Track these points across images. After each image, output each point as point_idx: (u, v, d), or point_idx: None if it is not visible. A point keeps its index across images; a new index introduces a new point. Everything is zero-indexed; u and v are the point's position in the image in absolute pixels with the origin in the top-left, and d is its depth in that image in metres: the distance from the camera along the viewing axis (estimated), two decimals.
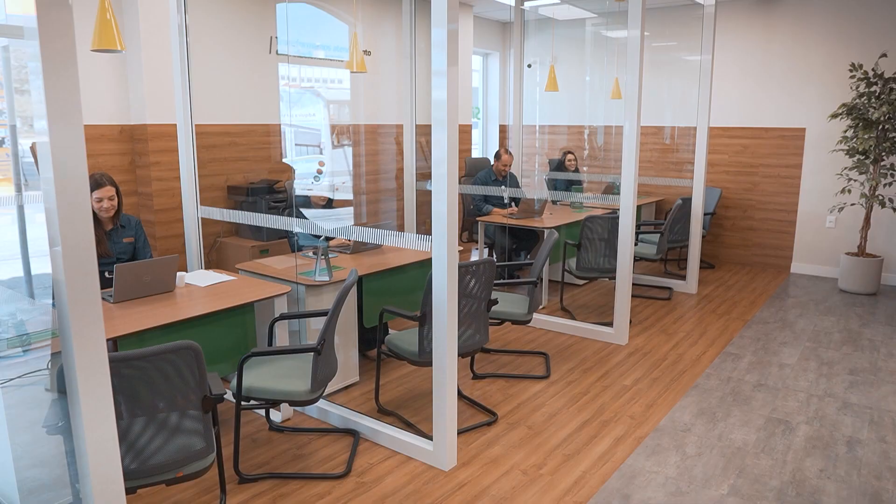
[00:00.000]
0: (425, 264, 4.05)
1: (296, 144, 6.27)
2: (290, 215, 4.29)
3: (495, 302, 3.25)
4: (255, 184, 5.11)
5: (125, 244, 3.43)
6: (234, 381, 2.63)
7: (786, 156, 6.45)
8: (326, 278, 3.36)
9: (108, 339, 2.57)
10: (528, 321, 3.77)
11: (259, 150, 5.34)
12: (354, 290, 3.59)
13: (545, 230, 5.18)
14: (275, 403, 2.71)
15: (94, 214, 3.34)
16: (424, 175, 6.80)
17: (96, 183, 3.29)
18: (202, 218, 3.96)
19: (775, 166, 6.52)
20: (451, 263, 2.64)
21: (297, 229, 3.41)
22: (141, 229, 3.50)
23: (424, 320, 2.95)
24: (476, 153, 8.30)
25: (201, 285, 3.25)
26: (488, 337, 3.30)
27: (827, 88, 6.13)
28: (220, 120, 5.02)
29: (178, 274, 3.21)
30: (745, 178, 6.69)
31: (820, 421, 3.30)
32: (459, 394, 3.58)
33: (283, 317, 3.08)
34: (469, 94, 7.21)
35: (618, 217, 4.41)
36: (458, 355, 3.17)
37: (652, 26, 6.95)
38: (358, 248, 4.03)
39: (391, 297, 3.83)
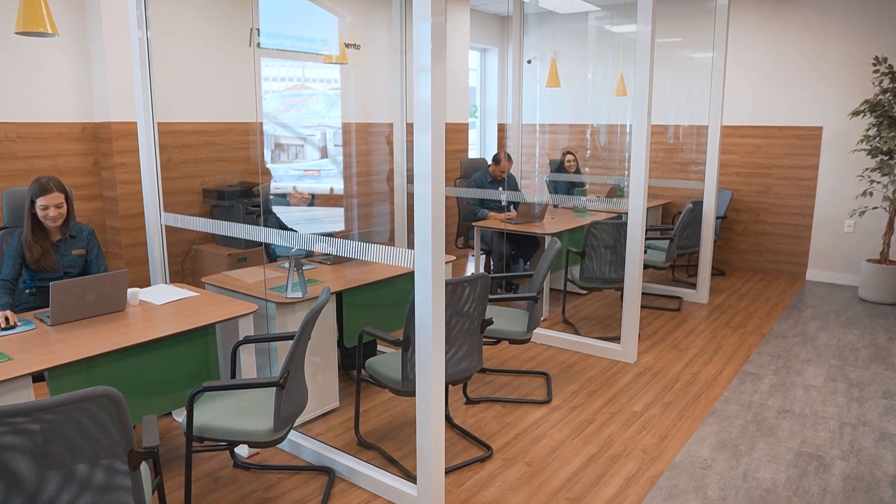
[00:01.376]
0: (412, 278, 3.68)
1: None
2: (264, 223, 3.93)
3: (490, 322, 2.88)
4: (232, 186, 4.74)
5: (75, 257, 3.06)
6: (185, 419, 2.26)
7: (801, 156, 6.08)
8: (299, 294, 2.98)
9: (40, 371, 2.20)
10: (528, 340, 3.40)
11: (238, 150, 4.97)
12: (332, 305, 3.22)
13: (546, 236, 4.81)
14: (233, 445, 2.33)
15: (41, 223, 2.96)
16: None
17: (42, 188, 2.92)
18: (171, 225, 3.58)
19: (790, 167, 6.15)
20: (437, 281, 2.26)
21: (261, 239, 3.04)
22: (94, 239, 3.12)
23: (408, 345, 2.58)
24: (473, 153, 7.93)
25: (158, 303, 2.88)
26: (482, 361, 2.93)
27: (845, 84, 5.76)
28: (196, 117, 4.65)
29: (132, 290, 2.84)
30: (757, 179, 6.32)
31: (857, 456, 2.92)
32: (450, 423, 3.21)
33: (247, 340, 2.70)
34: (465, 91, 6.84)
35: (625, 223, 4.04)
36: (448, 384, 2.80)
37: (656, 21, 6.57)
38: (340, 258, 3.66)
39: (377, 312, 3.45)
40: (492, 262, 5.62)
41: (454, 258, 3.84)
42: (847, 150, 5.77)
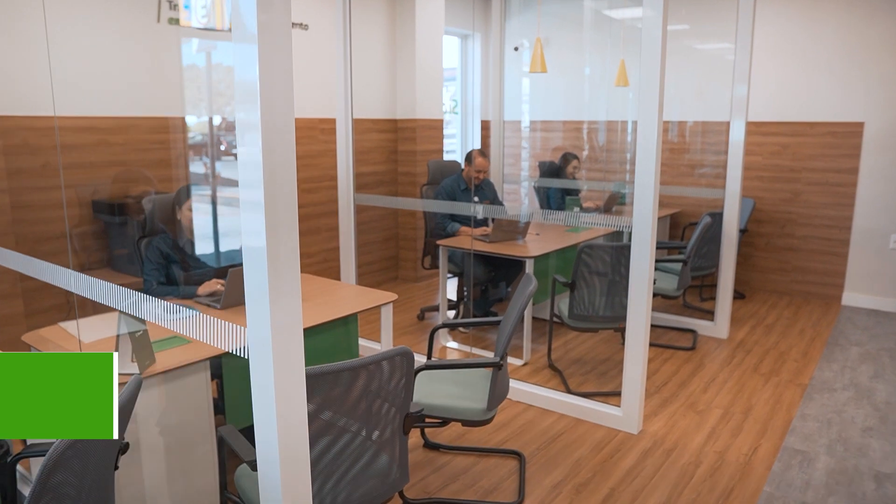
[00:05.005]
0: (348, 323, 2.70)
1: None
2: (146, 247, 2.95)
3: (418, 417, 1.88)
4: (131, 197, 3.76)
5: None
6: None
7: (837, 157, 5.08)
8: (135, 371, 1.99)
9: None
10: (489, 420, 2.41)
11: (146, 151, 3.98)
12: (205, 375, 2.22)
13: (526, 263, 3.82)
14: None
15: None
16: (367, 184, 5.42)
17: None
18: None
19: (823, 171, 5.15)
20: (286, 373, 1.28)
21: (63, 284, 2.06)
22: None
23: None
24: (456, 155, 6.93)
25: None
26: (407, 474, 1.93)
27: (893, 72, 4.76)
28: (83, 111, 3.67)
29: None
30: (783, 185, 5.32)
31: None
32: None
33: (22, 455, 1.72)
34: (439, 82, 5.85)
35: (627, 245, 3.06)
36: None
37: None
38: (237, 298, 2.65)
39: None
40: (465, 289, 4.62)
41: (394, 297, 2.85)
42: None
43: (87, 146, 3.71)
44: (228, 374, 2.35)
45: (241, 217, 1.22)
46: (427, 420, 2.42)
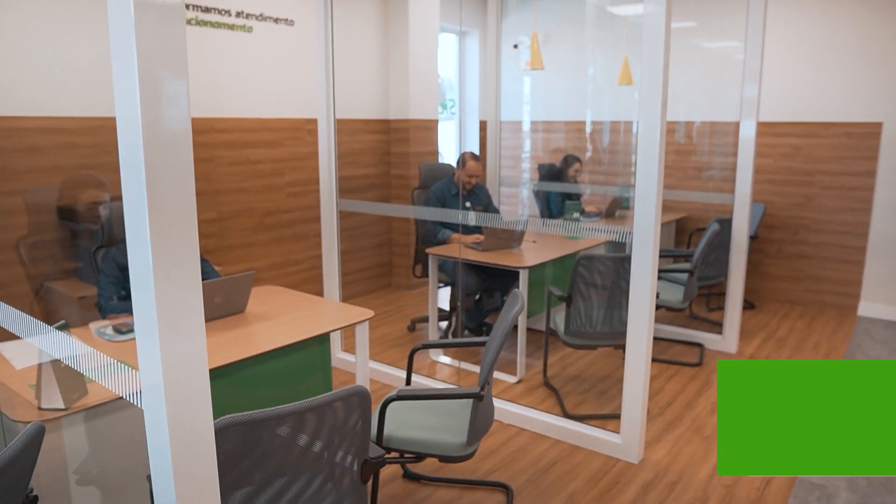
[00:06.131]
0: (322, 342, 2.45)
1: None
2: (103, 259, 2.72)
3: (379, 463, 1.63)
4: (93, 203, 3.53)
5: None
6: None
7: (854, 160, 4.80)
8: (60, 405, 1.75)
9: None
10: (469, 455, 2.15)
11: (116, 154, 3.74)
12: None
13: (520, 271, 3.57)
14: None
15: None
16: (352, 188, 5.16)
17: None
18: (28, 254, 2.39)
19: (838, 174, 4.87)
20: (184, 425, 1.03)
21: None
22: None
23: None
24: (452, 157, 6.68)
25: None
26: None
27: None
28: (47, 111, 3.45)
29: None
30: (796, 189, 5.04)
31: None
32: None
33: None
34: (434, 81, 5.60)
35: (628, 256, 2.81)
36: None
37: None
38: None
39: (250, 395, 2.23)
40: (459, 300, 4.37)
41: (371, 314, 2.60)
42: None
43: (53, 148, 3.49)
44: None
45: (128, 234, 0.98)
46: (405, 455, 2.17)
